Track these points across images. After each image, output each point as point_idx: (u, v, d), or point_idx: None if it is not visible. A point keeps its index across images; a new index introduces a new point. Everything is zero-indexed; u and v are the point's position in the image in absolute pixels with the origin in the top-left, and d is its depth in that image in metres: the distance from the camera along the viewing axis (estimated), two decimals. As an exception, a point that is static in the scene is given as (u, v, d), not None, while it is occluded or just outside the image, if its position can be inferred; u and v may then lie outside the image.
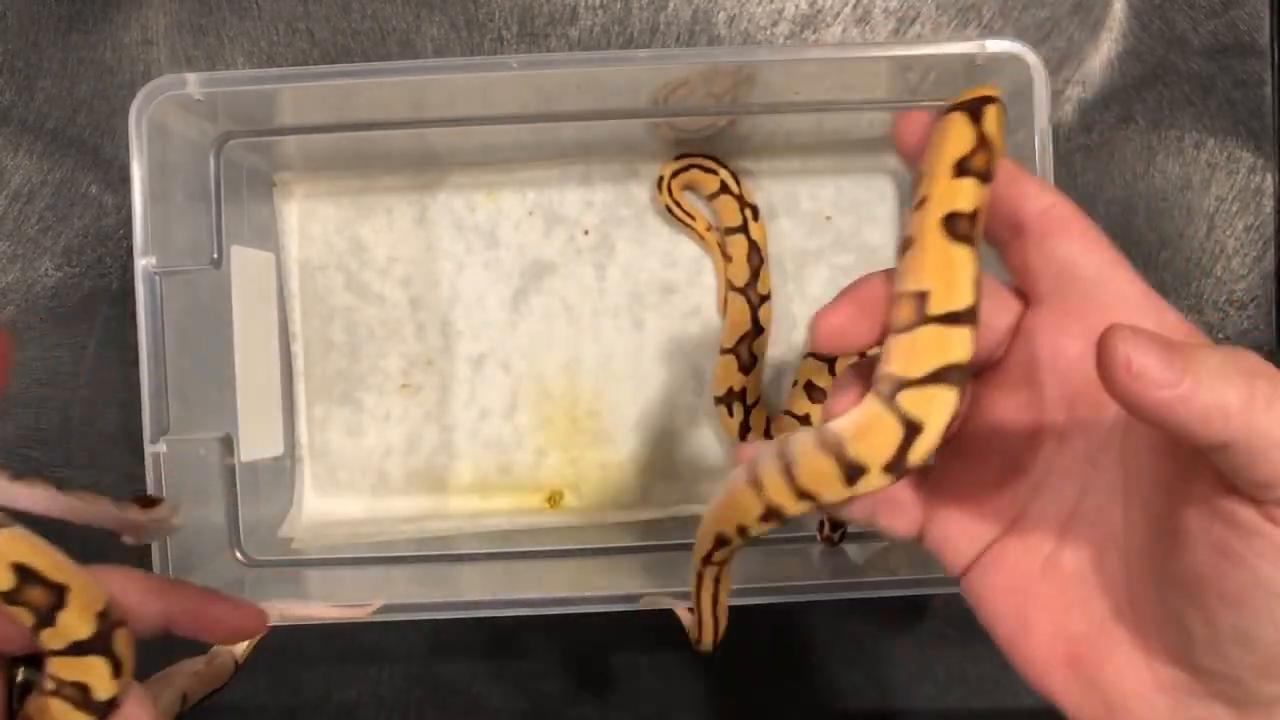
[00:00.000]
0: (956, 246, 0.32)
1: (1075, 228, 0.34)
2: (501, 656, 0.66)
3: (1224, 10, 0.65)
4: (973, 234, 0.32)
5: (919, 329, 0.32)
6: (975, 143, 0.32)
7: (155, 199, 0.52)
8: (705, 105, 0.59)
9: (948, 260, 0.32)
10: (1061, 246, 0.34)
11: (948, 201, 0.32)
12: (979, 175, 0.32)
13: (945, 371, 0.31)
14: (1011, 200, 0.35)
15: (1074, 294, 0.34)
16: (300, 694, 0.66)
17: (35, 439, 0.65)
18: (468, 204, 0.66)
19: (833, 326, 0.34)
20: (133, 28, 0.65)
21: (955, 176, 0.32)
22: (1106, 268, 0.34)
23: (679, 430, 0.66)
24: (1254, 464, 0.26)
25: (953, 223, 0.32)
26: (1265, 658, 0.29)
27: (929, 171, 0.33)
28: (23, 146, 0.65)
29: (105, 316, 0.65)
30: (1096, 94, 0.65)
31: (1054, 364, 0.34)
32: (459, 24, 0.65)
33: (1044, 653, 0.34)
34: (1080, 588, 0.34)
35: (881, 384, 0.32)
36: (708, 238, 0.65)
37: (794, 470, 0.34)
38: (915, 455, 0.32)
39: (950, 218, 0.32)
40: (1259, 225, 0.65)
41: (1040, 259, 0.34)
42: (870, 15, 0.65)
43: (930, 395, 0.31)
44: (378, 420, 0.66)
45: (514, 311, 0.66)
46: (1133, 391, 0.26)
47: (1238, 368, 0.27)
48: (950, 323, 0.31)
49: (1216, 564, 0.28)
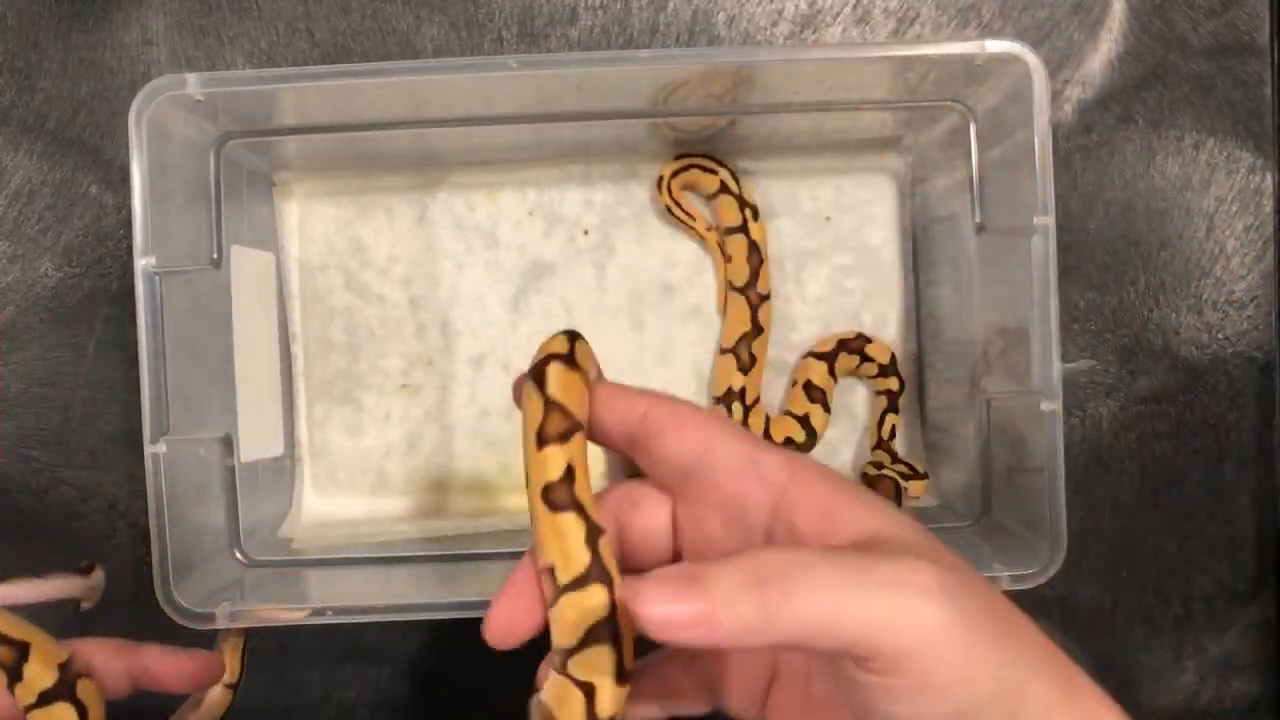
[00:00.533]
0: (560, 515, 0.35)
1: (669, 423, 0.37)
2: (502, 657, 0.66)
3: (1224, 10, 0.65)
4: (572, 494, 0.35)
5: (559, 601, 0.35)
6: (544, 409, 0.35)
7: (155, 199, 0.52)
8: (705, 105, 0.59)
9: (557, 531, 0.34)
10: (664, 445, 0.37)
11: (539, 475, 0.35)
12: (558, 438, 0.35)
13: (593, 631, 0.34)
14: (614, 421, 0.38)
15: (692, 480, 0.37)
16: (300, 694, 0.66)
17: (35, 439, 0.65)
18: (468, 204, 0.66)
19: (500, 623, 0.37)
20: (133, 28, 0.65)
21: (538, 449, 0.35)
22: (703, 448, 0.36)
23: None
24: (813, 648, 0.30)
25: (549, 494, 0.35)
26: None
27: (524, 449, 0.36)
28: (23, 146, 0.65)
29: (105, 316, 0.65)
30: (1096, 94, 0.65)
31: (706, 550, 0.37)
32: (459, 24, 0.65)
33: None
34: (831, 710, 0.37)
35: (555, 656, 0.35)
36: (708, 238, 0.65)
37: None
38: (603, 711, 0.34)
39: (546, 489, 0.35)
40: (1259, 225, 0.65)
41: (656, 462, 0.37)
42: (870, 15, 0.65)
43: (590, 658, 0.34)
44: (378, 420, 0.66)
45: (514, 311, 0.66)
46: (675, 640, 0.29)
47: (747, 581, 0.29)
48: (580, 586, 0.34)
49: (861, 702, 0.31)
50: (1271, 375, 0.65)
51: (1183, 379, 0.65)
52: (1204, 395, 0.65)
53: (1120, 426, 0.65)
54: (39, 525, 0.65)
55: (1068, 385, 0.64)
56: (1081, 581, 0.65)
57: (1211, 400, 0.65)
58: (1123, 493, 0.65)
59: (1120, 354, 0.65)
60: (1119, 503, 0.65)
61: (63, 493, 0.65)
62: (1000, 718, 0.30)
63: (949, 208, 0.61)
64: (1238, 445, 0.65)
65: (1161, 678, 0.65)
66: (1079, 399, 0.65)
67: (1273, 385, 0.65)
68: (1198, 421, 0.65)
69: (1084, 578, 0.65)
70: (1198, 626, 0.65)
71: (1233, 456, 0.65)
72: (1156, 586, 0.66)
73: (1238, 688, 0.65)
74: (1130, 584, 0.66)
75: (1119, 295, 0.65)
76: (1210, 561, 0.65)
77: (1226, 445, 0.65)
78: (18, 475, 0.65)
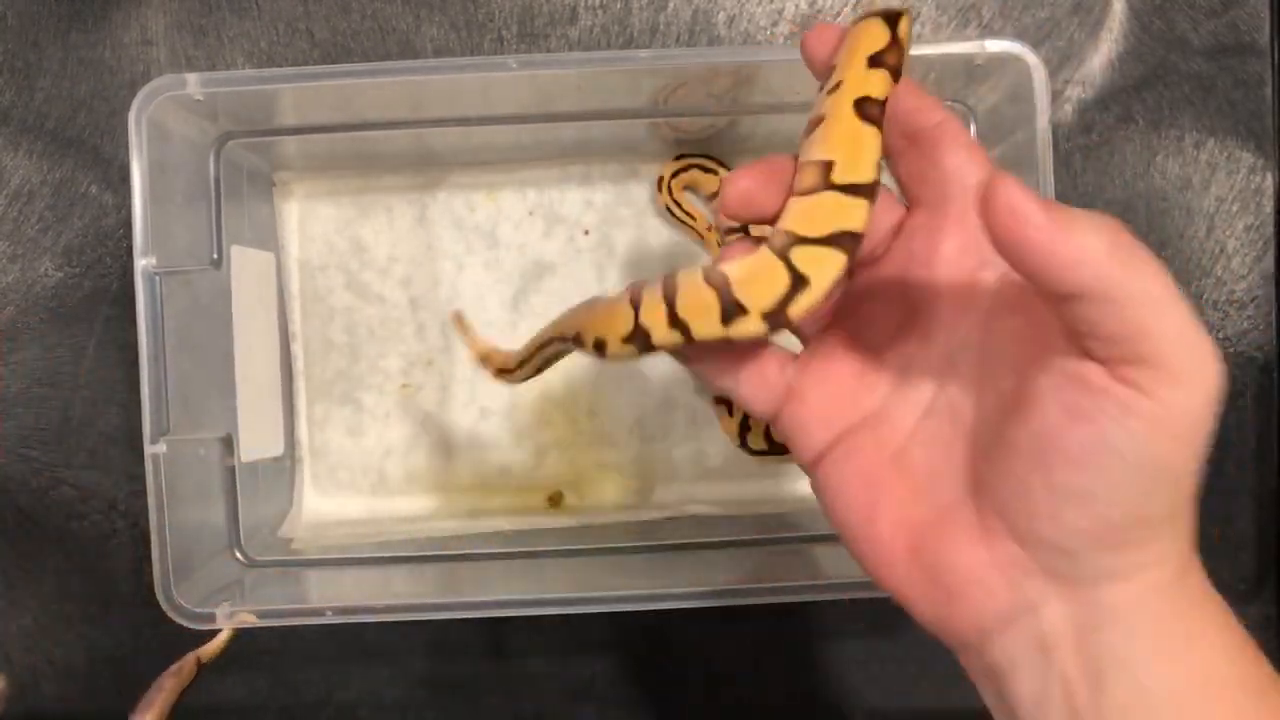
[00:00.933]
0: (865, 126, 0.34)
1: (962, 140, 0.36)
2: (501, 656, 0.66)
3: (1224, 10, 0.65)
4: (879, 120, 0.34)
5: (820, 194, 0.34)
6: (889, 41, 0.35)
7: (155, 199, 0.52)
8: (705, 106, 0.59)
9: (856, 137, 0.34)
10: (949, 157, 0.36)
11: (861, 87, 0.34)
12: (891, 70, 0.34)
13: (839, 236, 0.33)
14: (909, 112, 0.36)
15: (955, 200, 0.36)
16: (300, 694, 0.66)
17: (35, 439, 0.65)
18: (468, 204, 0.66)
19: (740, 190, 0.36)
20: (132, 28, 0.65)
21: (869, 67, 0.34)
22: (981, 172, 0.36)
23: (678, 431, 0.66)
24: (1105, 317, 0.28)
25: (864, 106, 0.34)
26: (1101, 524, 0.30)
27: (844, 63, 0.35)
28: (22, 146, 0.65)
29: (105, 316, 0.65)
30: (1096, 94, 0.65)
31: (927, 262, 0.36)
32: (459, 24, 0.65)
33: (888, 543, 0.35)
34: (928, 478, 0.35)
35: (776, 239, 0.34)
36: (708, 238, 0.65)
37: (674, 297, 0.34)
38: (796, 308, 0.33)
39: (862, 101, 0.34)
40: (1259, 225, 0.65)
41: (928, 167, 0.36)
42: (870, 15, 0.65)
43: (822, 255, 0.33)
44: (378, 420, 0.66)
45: (514, 311, 0.66)
46: (1010, 228, 0.28)
47: (1105, 224, 0.28)
48: (851, 193, 0.33)
49: (1065, 425, 0.30)
50: (1272, 375, 0.65)
51: (1183, 379, 0.65)
52: (1204, 395, 0.65)
53: (1120, 426, 0.65)
54: (39, 525, 0.65)
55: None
56: (1082, 581, 0.65)
57: (1212, 400, 0.65)
58: (1123, 493, 0.65)
59: (1120, 354, 0.65)
60: (1119, 503, 0.65)
61: (63, 493, 0.65)
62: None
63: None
64: (1238, 445, 0.65)
65: (1162, 678, 0.65)
66: (1079, 399, 0.65)
67: (1273, 385, 0.65)
68: (1198, 421, 0.65)
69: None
70: (1198, 626, 0.65)
71: (1233, 456, 0.65)
72: (1157, 586, 0.65)
73: (1238, 688, 0.65)
74: (1130, 584, 0.66)
75: (1119, 295, 0.65)
76: (1210, 561, 0.65)
77: (1227, 445, 0.65)
78: (18, 475, 0.65)
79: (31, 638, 0.65)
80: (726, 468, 0.66)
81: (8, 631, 0.65)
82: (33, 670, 0.65)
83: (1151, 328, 0.28)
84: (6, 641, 0.65)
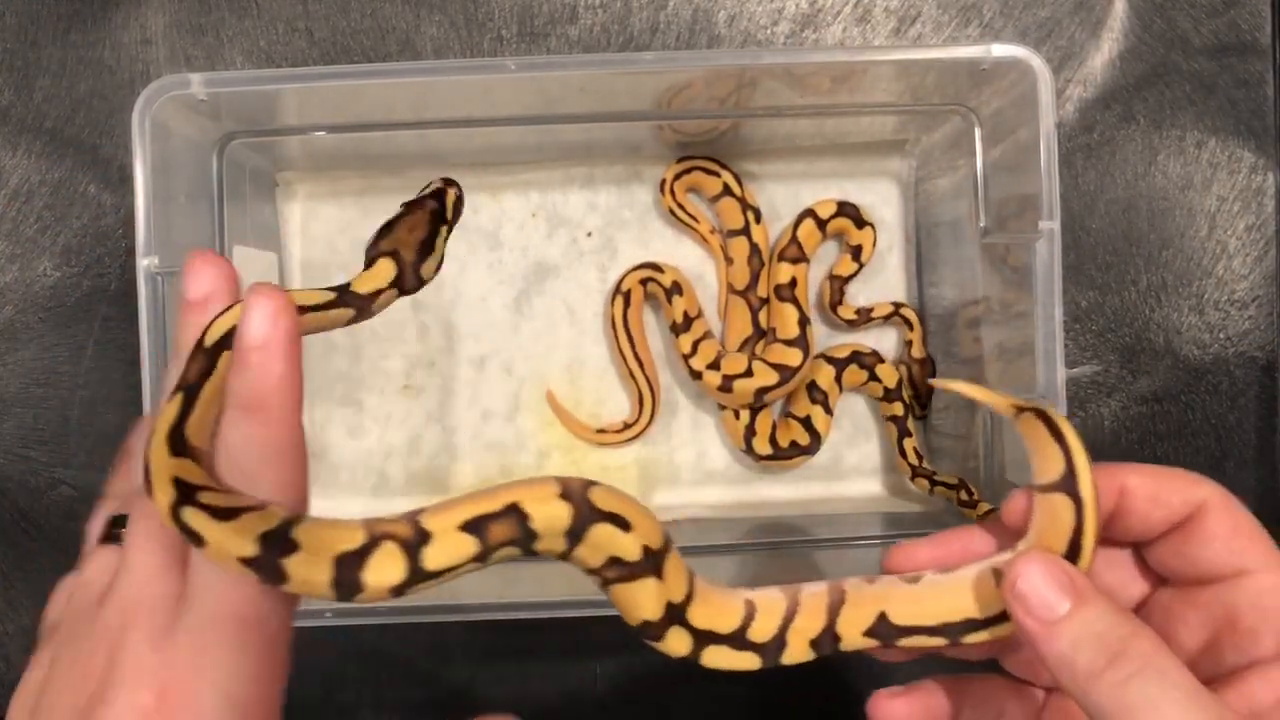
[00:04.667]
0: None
1: (1225, 528, 0.34)
2: (502, 658, 0.66)
3: (1225, 10, 0.65)
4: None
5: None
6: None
7: (157, 199, 0.52)
8: (708, 109, 0.59)
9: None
10: (1207, 550, 0.34)
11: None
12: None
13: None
14: (1160, 512, 0.34)
15: (1201, 587, 0.34)
16: (300, 695, 0.66)
17: (35, 439, 0.65)
18: (470, 205, 0.65)
19: (906, 556, 0.37)
20: (132, 27, 0.64)
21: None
22: (1245, 566, 0.34)
23: (681, 434, 0.66)
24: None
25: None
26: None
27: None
28: (21, 146, 0.65)
29: (104, 316, 0.65)
30: (1098, 93, 0.65)
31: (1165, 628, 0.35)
32: (459, 23, 0.65)
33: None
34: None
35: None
36: (711, 240, 0.65)
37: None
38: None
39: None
40: (1260, 225, 0.65)
41: (1173, 555, 0.35)
42: (871, 14, 0.65)
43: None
44: (379, 421, 0.66)
45: (516, 313, 0.66)
46: (1010, 604, 0.30)
47: (1111, 637, 0.29)
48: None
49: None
50: (1273, 375, 0.65)
51: (1184, 379, 0.65)
52: (1205, 395, 0.65)
53: (1121, 426, 0.65)
54: (38, 525, 0.65)
55: (1069, 386, 0.64)
56: (1083, 582, 0.65)
57: (1213, 400, 0.65)
58: (1124, 493, 0.65)
59: (1122, 354, 0.65)
60: (1120, 503, 0.65)
61: (62, 493, 0.65)
62: None
63: (953, 211, 0.61)
64: (1239, 445, 0.65)
65: (1162, 678, 0.65)
66: (1080, 399, 0.65)
67: (1274, 385, 0.65)
68: (1199, 421, 0.65)
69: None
70: (1199, 626, 0.65)
71: (1234, 456, 0.65)
72: (1157, 586, 0.66)
73: (1239, 688, 0.65)
74: (1131, 584, 0.66)
75: (1120, 295, 0.65)
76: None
77: (1228, 445, 0.65)
78: (17, 475, 0.65)
79: (30, 638, 0.65)
80: (728, 471, 0.66)
81: (6, 631, 0.65)
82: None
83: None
84: (5, 641, 0.65)
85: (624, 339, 0.64)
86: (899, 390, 0.64)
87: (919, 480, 0.63)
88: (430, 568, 0.31)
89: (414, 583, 0.31)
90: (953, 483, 0.61)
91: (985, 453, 0.59)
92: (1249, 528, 0.33)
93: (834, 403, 0.64)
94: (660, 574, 0.34)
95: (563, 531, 0.32)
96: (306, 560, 0.30)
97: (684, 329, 0.63)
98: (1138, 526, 0.34)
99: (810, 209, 0.64)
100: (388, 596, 0.30)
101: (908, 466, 0.64)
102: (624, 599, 0.34)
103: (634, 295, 0.64)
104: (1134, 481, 0.34)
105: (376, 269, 0.36)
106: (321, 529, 0.31)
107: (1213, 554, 0.33)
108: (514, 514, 0.32)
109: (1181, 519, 0.34)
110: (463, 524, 0.32)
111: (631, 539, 0.33)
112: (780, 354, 0.63)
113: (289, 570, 0.30)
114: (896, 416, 0.64)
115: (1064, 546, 0.33)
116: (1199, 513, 0.33)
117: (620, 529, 0.33)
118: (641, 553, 0.33)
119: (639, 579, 0.33)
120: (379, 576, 0.30)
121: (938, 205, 0.64)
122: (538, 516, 0.32)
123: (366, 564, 0.30)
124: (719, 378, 0.62)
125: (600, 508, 0.33)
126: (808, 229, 0.63)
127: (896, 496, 0.66)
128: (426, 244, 0.37)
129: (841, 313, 0.65)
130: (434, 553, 0.31)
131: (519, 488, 0.32)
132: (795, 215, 0.65)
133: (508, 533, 0.32)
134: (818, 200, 0.64)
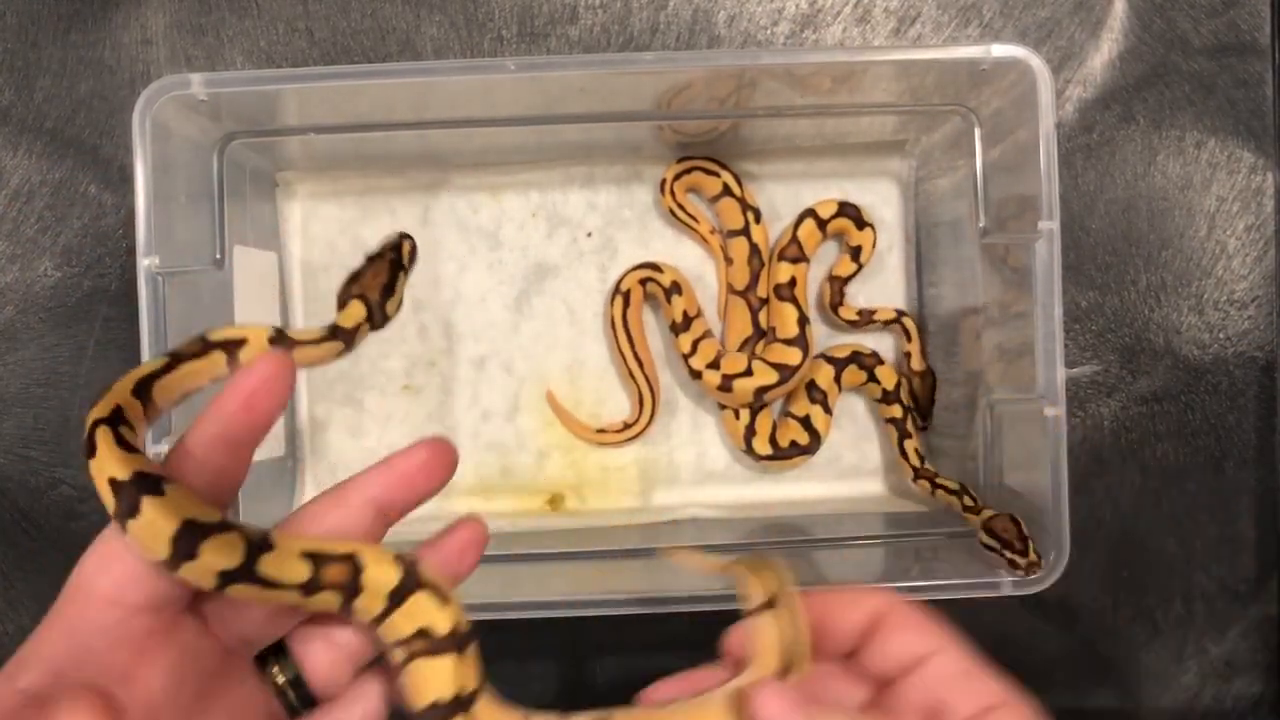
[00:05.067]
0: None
1: (899, 622, 0.38)
2: (501, 658, 0.66)
3: (1225, 10, 0.65)
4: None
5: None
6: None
7: (158, 199, 0.52)
8: (708, 109, 0.59)
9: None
10: (888, 644, 0.38)
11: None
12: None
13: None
14: (844, 626, 0.39)
15: (894, 680, 0.38)
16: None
17: (35, 439, 0.65)
18: (471, 205, 0.65)
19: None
20: (132, 27, 0.64)
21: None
22: (925, 651, 0.37)
23: (680, 434, 0.66)
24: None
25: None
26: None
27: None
28: (22, 146, 0.65)
29: (105, 317, 0.65)
30: (1097, 93, 0.65)
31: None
32: (459, 23, 0.65)
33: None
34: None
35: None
36: (711, 240, 0.65)
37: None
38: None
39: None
40: (1260, 225, 0.65)
41: (868, 655, 0.38)
42: (871, 14, 0.65)
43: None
44: (379, 421, 0.66)
45: (516, 313, 0.66)
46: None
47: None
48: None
49: None
50: (1273, 375, 0.65)
51: (1184, 379, 0.65)
52: (1205, 395, 0.65)
53: (1121, 426, 0.66)
54: (39, 525, 0.65)
55: (1069, 386, 0.64)
56: (1082, 582, 0.65)
57: (1213, 400, 0.65)
58: (1123, 493, 0.66)
59: (1121, 354, 0.65)
60: (1119, 503, 0.66)
61: (62, 493, 0.65)
62: None
63: (952, 211, 0.61)
64: (1239, 445, 0.65)
65: (1162, 678, 0.66)
66: (1080, 399, 0.65)
67: (1274, 385, 0.65)
68: (1199, 421, 0.65)
69: (1084, 578, 0.65)
70: (1198, 627, 0.65)
71: (1234, 456, 0.65)
72: (1157, 586, 0.66)
73: (1239, 688, 0.65)
74: (1131, 584, 0.66)
75: (1120, 295, 0.65)
76: (1211, 561, 0.65)
77: (1228, 445, 0.65)
78: (17, 475, 0.65)
79: (31, 639, 0.65)
80: (728, 471, 0.66)
81: (6, 631, 0.65)
82: (33, 672, 0.65)
83: None
84: (5, 641, 0.65)
85: (624, 339, 0.64)
86: (897, 392, 0.64)
87: (920, 482, 0.63)
88: (260, 571, 0.33)
89: (239, 579, 0.32)
90: (954, 488, 0.61)
91: (985, 453, 0.59)
92: (919, 619, 0.38)
93: (833, 402, 0.65)
94: (461, 655, 0.35)
95: (387, 592, 0.35)
96: (161, 506, 0.31)
97: (683, 328, 0.63)
98: (842, 639, 0.39)
99: (811, 209, 0.64)
100: (210, 581, 0.32)
101: (909, 468, 0.64)
102: (420, 676, 0.35)
103: (634, 295, 0.64)
104: (826, 602, 0.39)
105: (351, 309, 0.40)
106: (190, 494, 0.33)
107: (899, 648, 0.37)
108: (350, 562, 0.34)
109: (869, 625, 0.38)
110: (305, 551, 0.34)
111: (445, 614, 0.35)
112: (780, 353, 0.63)
113: (142, 508, 0.31)
114: (895, 419, 0.64)
115: (783, 659, 0.37)
116: (880, 617, 0.38)
117: (439, 602, 0.35)
118: (450, 629, 0.35)
119: (440, 655, 0.35)
120: (213, 556, 0.32)
121: (937, 205, 0.64)
122: (370, 571, 0.34)
123: (209, 541, 0.32)
124: (719, 377, 0.62)
125: (425, 579, 0.35)
126: (808, 229, 0.63)
127: (897, 496, 0.66)
128: (388, 287, 0.42)
129: (843, 313, 0.65)
130: (270, 561, 0.33)
131: (365, 546, 0.35)
132: (795, 215, 0.65)
133: (339, 576, 0.34)
134: (819, 200, 0.64)
